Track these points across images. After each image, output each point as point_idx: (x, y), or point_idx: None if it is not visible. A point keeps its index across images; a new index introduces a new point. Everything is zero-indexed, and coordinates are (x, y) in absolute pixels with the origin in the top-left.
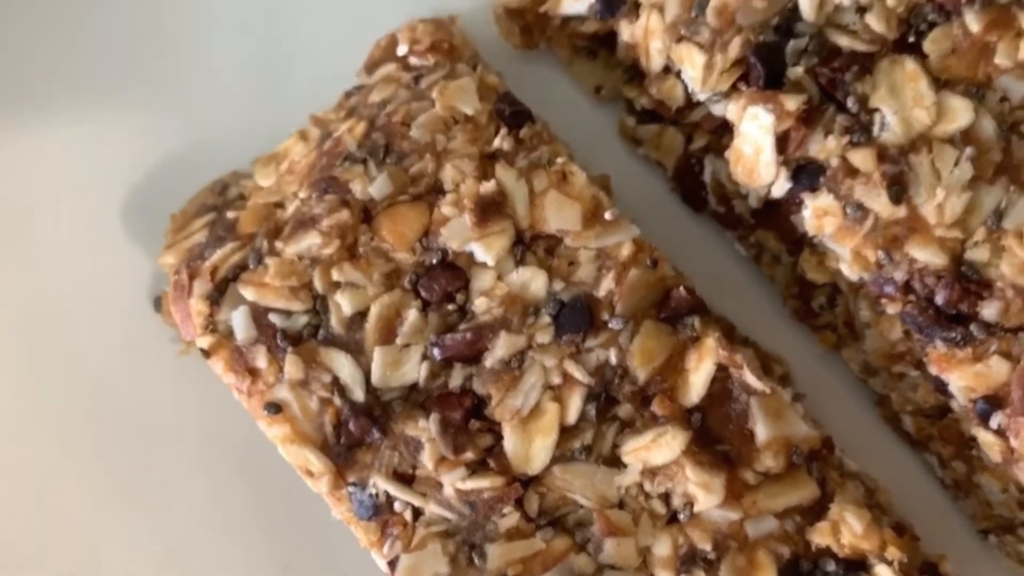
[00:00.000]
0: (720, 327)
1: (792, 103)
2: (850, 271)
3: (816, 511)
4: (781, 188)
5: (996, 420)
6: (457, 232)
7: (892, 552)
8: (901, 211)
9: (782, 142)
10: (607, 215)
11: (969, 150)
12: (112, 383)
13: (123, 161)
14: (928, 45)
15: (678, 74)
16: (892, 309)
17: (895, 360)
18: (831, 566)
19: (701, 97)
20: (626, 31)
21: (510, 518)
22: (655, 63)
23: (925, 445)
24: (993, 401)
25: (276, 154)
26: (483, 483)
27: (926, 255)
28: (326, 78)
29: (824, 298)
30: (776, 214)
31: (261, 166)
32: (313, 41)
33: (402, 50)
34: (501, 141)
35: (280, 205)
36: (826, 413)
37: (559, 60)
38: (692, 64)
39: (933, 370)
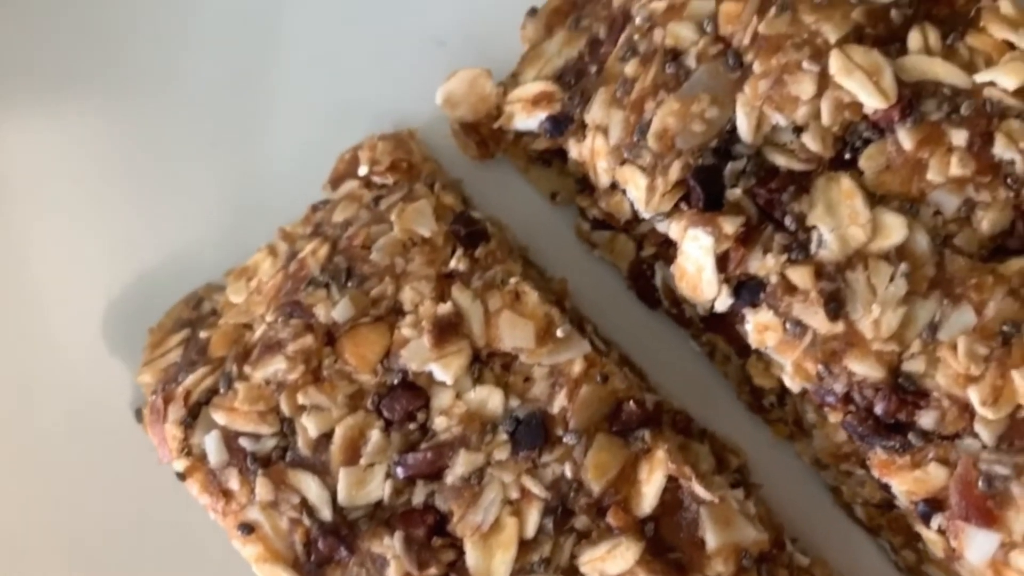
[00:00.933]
0: (677, 420)
1: (730, 226)
2: (792, 382)
3: None
4: (724, 304)
5: (936, 522)
6: (416, 353)
7: None
8: (839, 327)
9: (722, 261)
10: (559, 332)
11: (903, 266)
12: (94, 495)
13: (103, 272)
14: (863, 162)
15: (624, 191)
16: (834, 418)
17: (841, 459)
18: None
19: (645, 216)
20: (574, 150)
21: None
22: (602, 180)
23: (877, 532)
24: (933, 504)
25: (246, 268)
26: None
27: (864, 369)
28: (297, 187)
29: (774, 397)
30: (723, 322)
31: (233, 279)
32: (284, 150)
33: (362, 170)
34: (457, 262)
35: (249, 327)
36: (783, 500)
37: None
38: (635, 186)
39: (875, 474)
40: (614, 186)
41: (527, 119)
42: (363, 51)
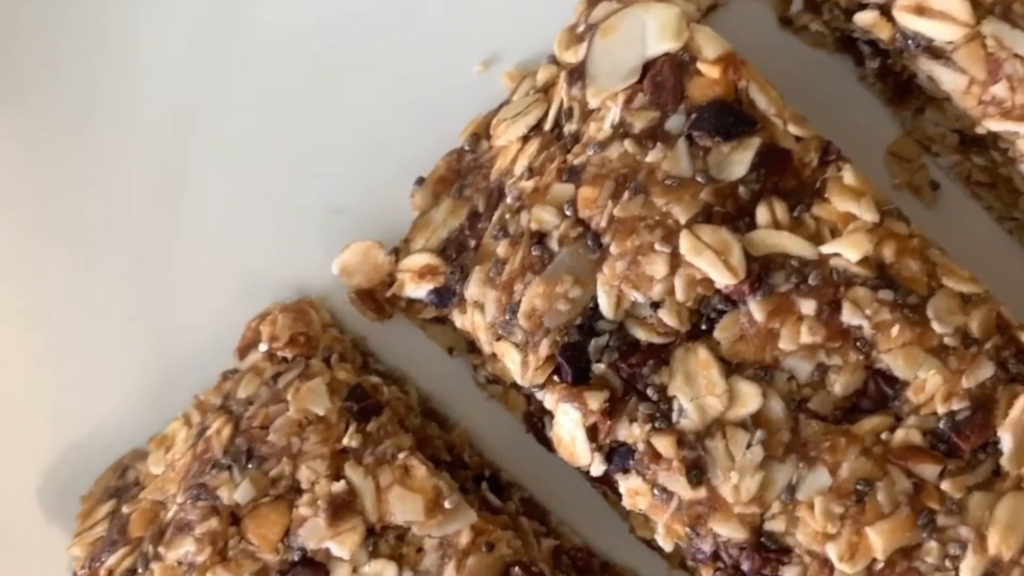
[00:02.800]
0: (578, 557)
1: (594, 402)
2: (664, 542)
3: None
4: (597, 470)
5: None
6: (313, 532)
7: None
8: (702, 492)
9: (593, 431)
10: (447, 504)
11: (760, 433)
12: None
13: (36, 439)
14: (718, 333)
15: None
16: (706, 573)
17: None
18: None
19: (524, 385)
20: (458, 320)
21: None
22: (486, 349)
23: None
24: None
25: (165, 436)
26: None
27: (728, 530)
28: (212, 354)
29: None
30: (606, 480)
31: (154, 447)
32: (198, 319)
33: (263, 347)
34: (349, 439)
35: (163, 505)
36: None
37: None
38: (511, 360)
39: None
40: (495, 354)
41: (415, 289)
42: (266, 221)
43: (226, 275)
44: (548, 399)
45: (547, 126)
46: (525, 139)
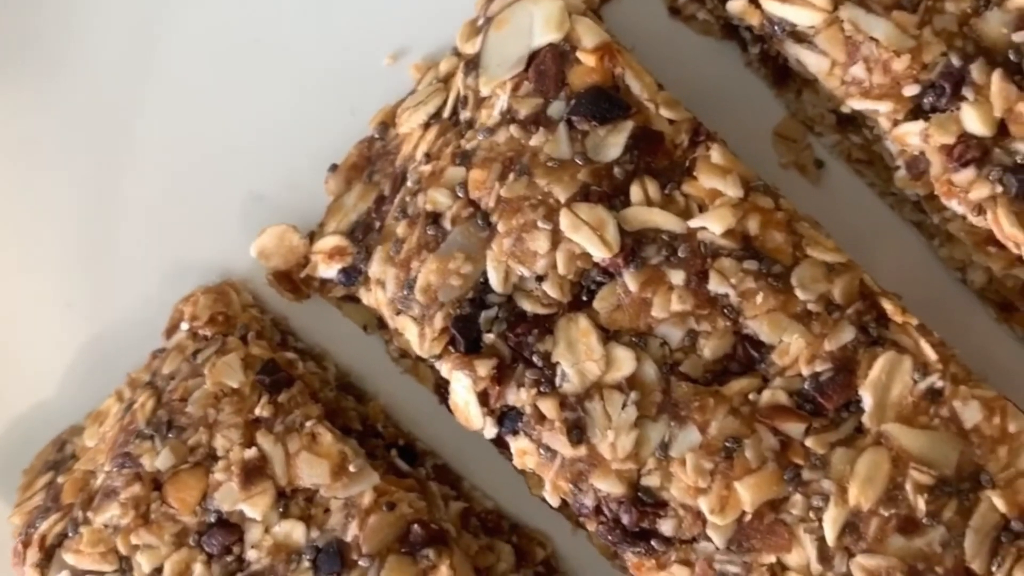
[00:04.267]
0: (488, 519)
1: (483, 369)
2: (552, 499)
3: None
4: (490, 433)
5: None
6: (228, 495)
7: None
8: (582, 451)
9: (484, 397)
10: (351, 467)
11: (634, 394)
12: None
13: None
14: (597, 303)
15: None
16: (591, 527)
17: (614, 556)
18: None
19: (423, 356)
20: (365, 297)
21: None
22: (391, 324)
23: None
24: None
25: (100, 412)
26: None
27: (607, 486)
28: (145, 334)
29: None
30: (501, 443)
31: (90, 423)
32: (131, 302)
33: (184, 326)
34: (261, 410)
35: (93, 474)
36: None
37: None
38: (410, 333)
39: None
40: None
41: (326, 269)
42: (192, 209)
43: (156, 261)
44: (444, 368)
45: (446, 114)
46: (426, 126)
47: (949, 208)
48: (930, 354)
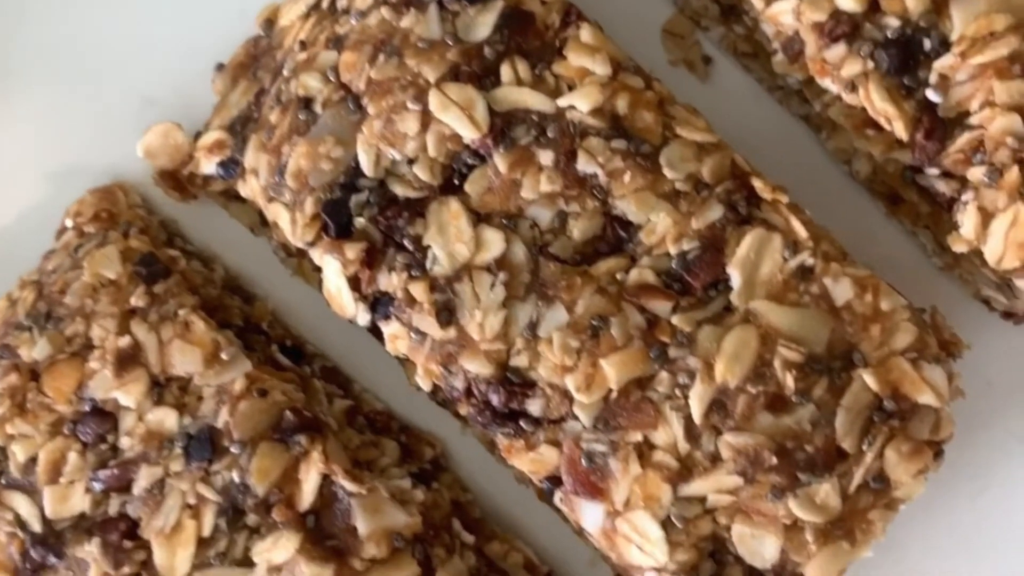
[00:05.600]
0: (377, 419)
1: (352, 252)
2: (423, 382)
3: None
4: (363, 319)
5: (558, 497)
6: (102, 383)
7: None
8: (451, 332)
9: (356, 282)
10: (224, 355)
11: (502, 275)
12: None
13: None
14: (468, 186)
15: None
16: (463, 410)
17: (494, 447)
18: None
19: (299, 245)
20: (243, 189)
21: None
22: (266, 214)
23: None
24: (554, 481)
25: None
26: None
27: (476, 367)
28: (39, 239)
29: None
30: (378, 333)
31: None
32: (26, 207)
33: (68, 223)
34: (136, 299)
35: None
36: (481, 480)
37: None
38: (283, 220)
39: (505, 457)
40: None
41: (208, 165)
42: (85, 114)
43: (50, 168)
44: (316, 255)
45: (325, 4)
46: (306, 17)
47: (826, 90)
48: (801, 231)
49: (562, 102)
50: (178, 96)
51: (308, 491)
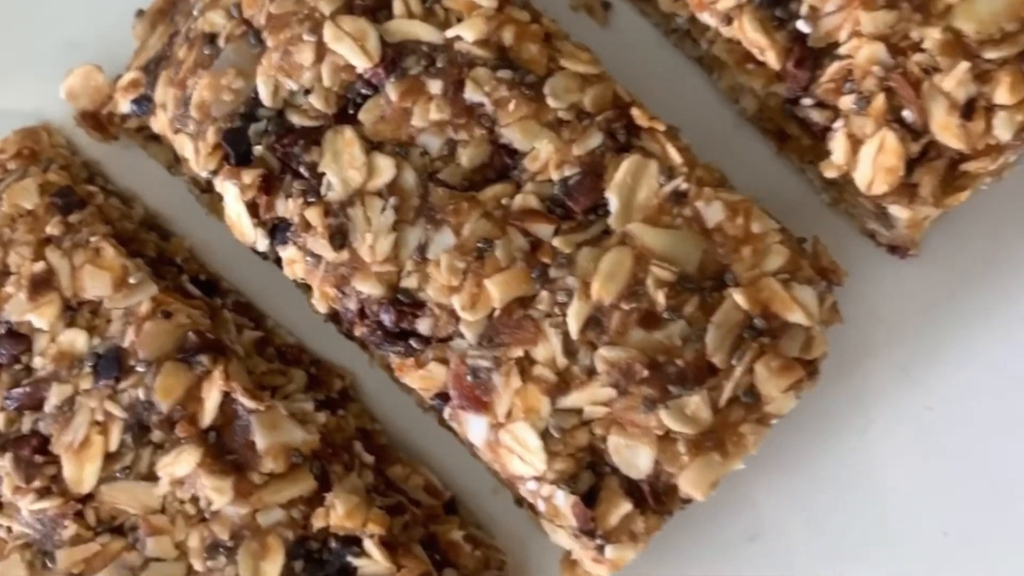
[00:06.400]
0: (288, 351)
1: (248, 177)
2: (319, 304)
3: (318, 500)
4: (263, 245)
5: (447, 412)
6: (16, 307)
7: (371, 527)
8: (344, 255)
9: (254, 208)
10: (132, 280)
11: (393, 200)
12: None
13: None
14: (362, 115)
15: None
16: (357, 331)
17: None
18: (333, 543)
19: (203, 175)
20: (155, 125)
21: (71, 529)
22: (176, 147)
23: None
24: (443, 397)
25: None
26: (48, 504)
27: (368, 288)
28: None
29: None
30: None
31: None
32: None
33: None
34: (52, 228)
35: None
36: (388, 410)
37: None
38: (187, 150)
39: (398, 375)
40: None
41: (124, 103)
42: (10, 57)
43: None
44: (218, 183)
45: None
46: None
47: (709, 27)
48: (676, 157)
49: (450, 33)
50: (102, 41)
51: (210, 408)
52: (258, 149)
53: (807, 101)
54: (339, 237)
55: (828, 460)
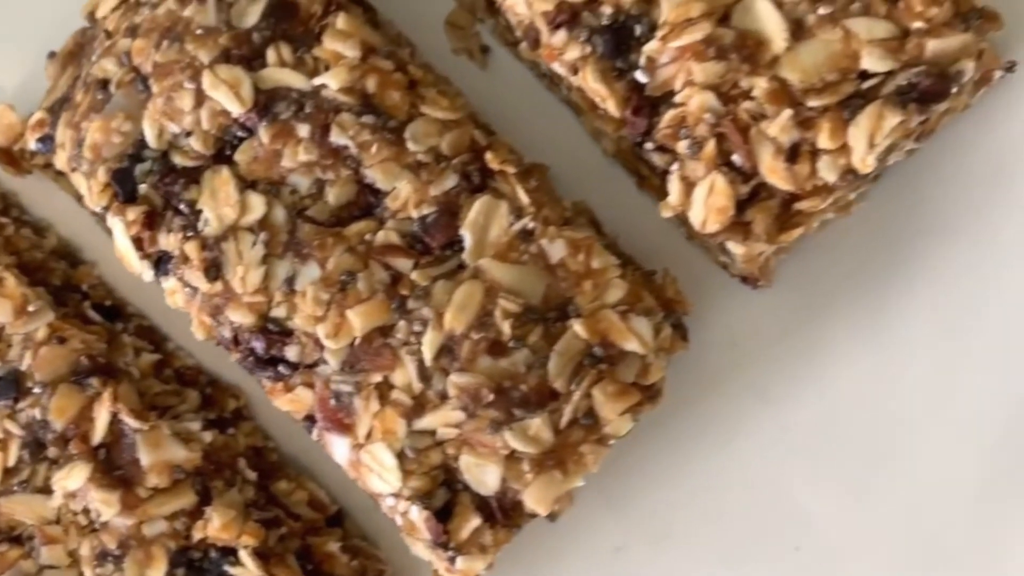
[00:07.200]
0: (186, 372)
1: (132, 214)
2: (197, 332)
3: (199, 513)
4: (148, 276)
5: (315, 433)
6: None
7: (246, 539)
8: (218, 286)
9: (140, 242)
10: (31, 307)
11: (263, 235)
12: None
13: None
14: (238, 156)
15: None
16: (233, 357)
17: None
18: (213, 553)
19: (96, 210)
20: (57, 162)
21: None
22: (73, 184)
23: None
24: (311, 419)
25: None
26: None
27: (240, 317)
28: None
29: None
30: None
31: None
32: None
33: None
34: None
35: None
36: (280, 429)
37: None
38: (83, 188)
39: (271, 399)
40: None
41: (31, 141)
42: None
43: None
44: (108, 219)
45: None
46: (115, 10)
47: (561, 74)
48: (524, 198)
49: (317, 81)
50: (20, 82)
51: (100, 427)
52: (143, 187)
53: (649, 145)
54: (213, 270)
55: (685, 480)
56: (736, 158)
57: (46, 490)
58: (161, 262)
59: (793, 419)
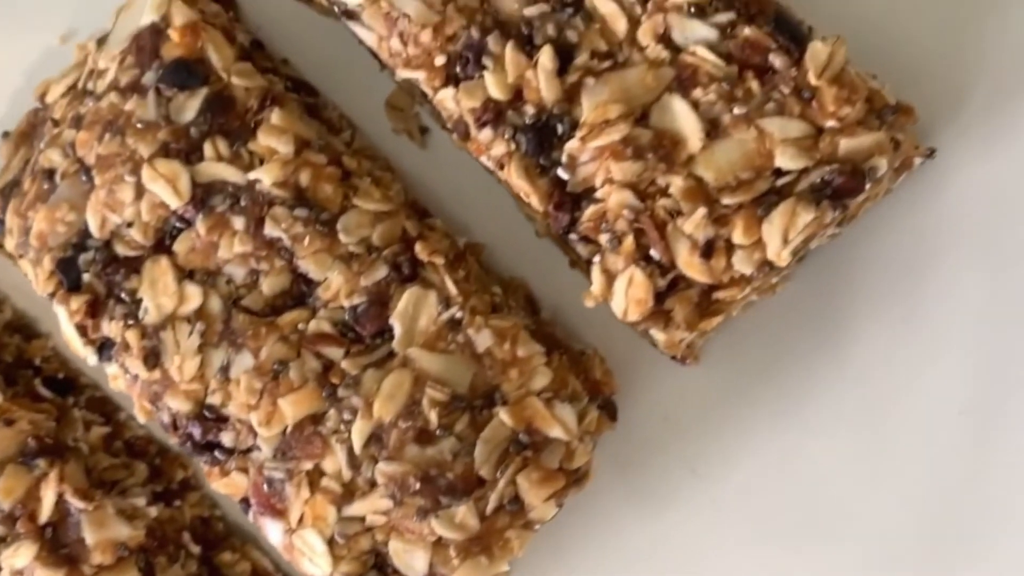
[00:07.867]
0: (136, 444)
1: (75, 303)
2: (139, 415)
3: None
4: (92, 360)
5: (251, 515)
6: None
7: None
8: (157, 374)
9: (83, 329)
10: None
11: (200, 325)
12: None
13: None
14: (177, 246)
15: None
16: (172, 440)
17: None
18: None
19: (43, 296)
20: (7, 246)
21: None
22: (20, 270)
23: None
24: (246, 502)
25: None
26: None
27: (177, 404)
28: None
29: None
30: None
31: None
32: None
33: None
34: None
35: None
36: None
37: None
38: (30, 274)
39: (209, 482)
40: None
41: None
42: None
43: None
44: (54, 305)
45: (79, 85)
46: (64, 96)
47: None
48: (452, 289)
49: (252, 175)
50: None
51: (46, 507)
52: (87, 276)
53: (573, 236)
54: (152, 358)
55: (617, 553)
56: (654, 252)
57: None
58: (104, 348)
59: (722, 491)
